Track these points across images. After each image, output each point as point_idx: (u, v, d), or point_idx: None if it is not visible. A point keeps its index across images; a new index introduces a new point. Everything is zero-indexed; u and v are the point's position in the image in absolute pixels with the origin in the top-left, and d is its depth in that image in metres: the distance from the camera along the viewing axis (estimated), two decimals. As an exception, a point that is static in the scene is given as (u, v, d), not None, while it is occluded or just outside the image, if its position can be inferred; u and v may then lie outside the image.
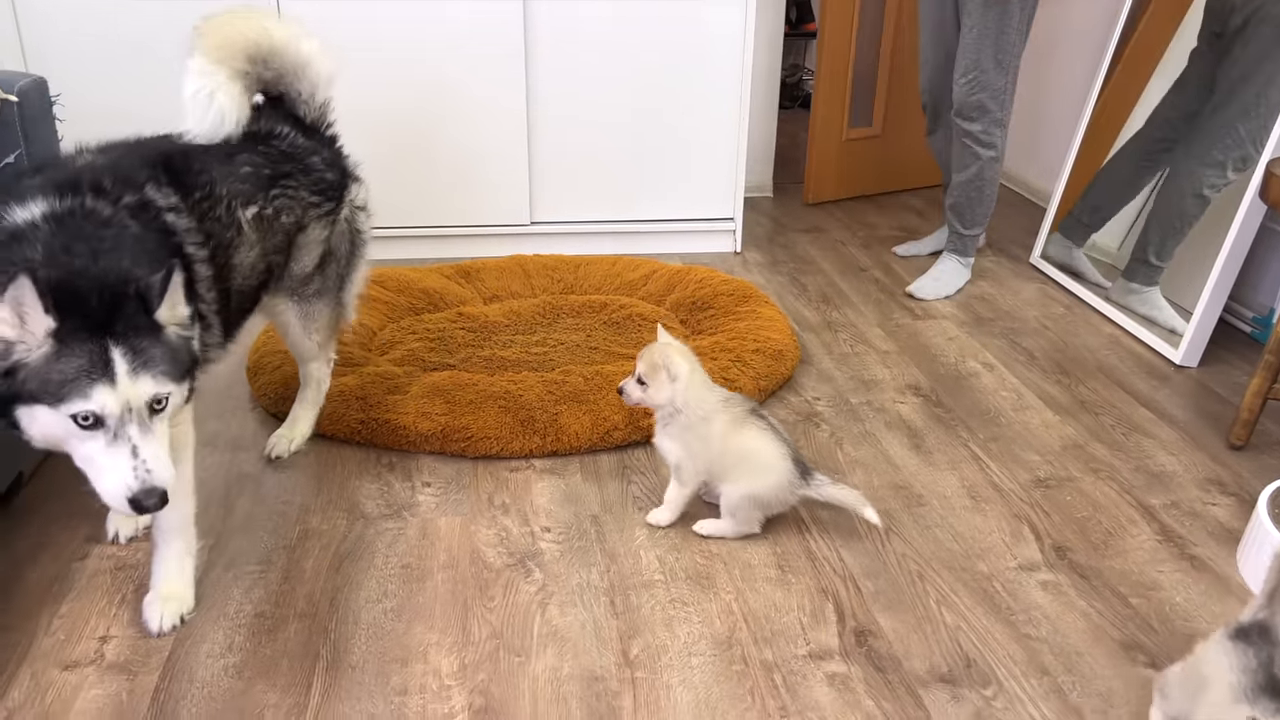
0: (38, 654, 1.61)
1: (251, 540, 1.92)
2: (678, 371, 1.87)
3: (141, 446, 1.38)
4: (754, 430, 1.89)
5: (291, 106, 2.04)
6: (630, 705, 1.54)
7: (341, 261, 2.14)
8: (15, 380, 1.33)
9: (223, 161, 1.82)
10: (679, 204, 3.53)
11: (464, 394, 2.29)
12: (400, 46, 3.19)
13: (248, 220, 1.83)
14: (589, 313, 2.84)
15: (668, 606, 1.76)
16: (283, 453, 2.19)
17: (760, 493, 1.89)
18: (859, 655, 1.65)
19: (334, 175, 2.07)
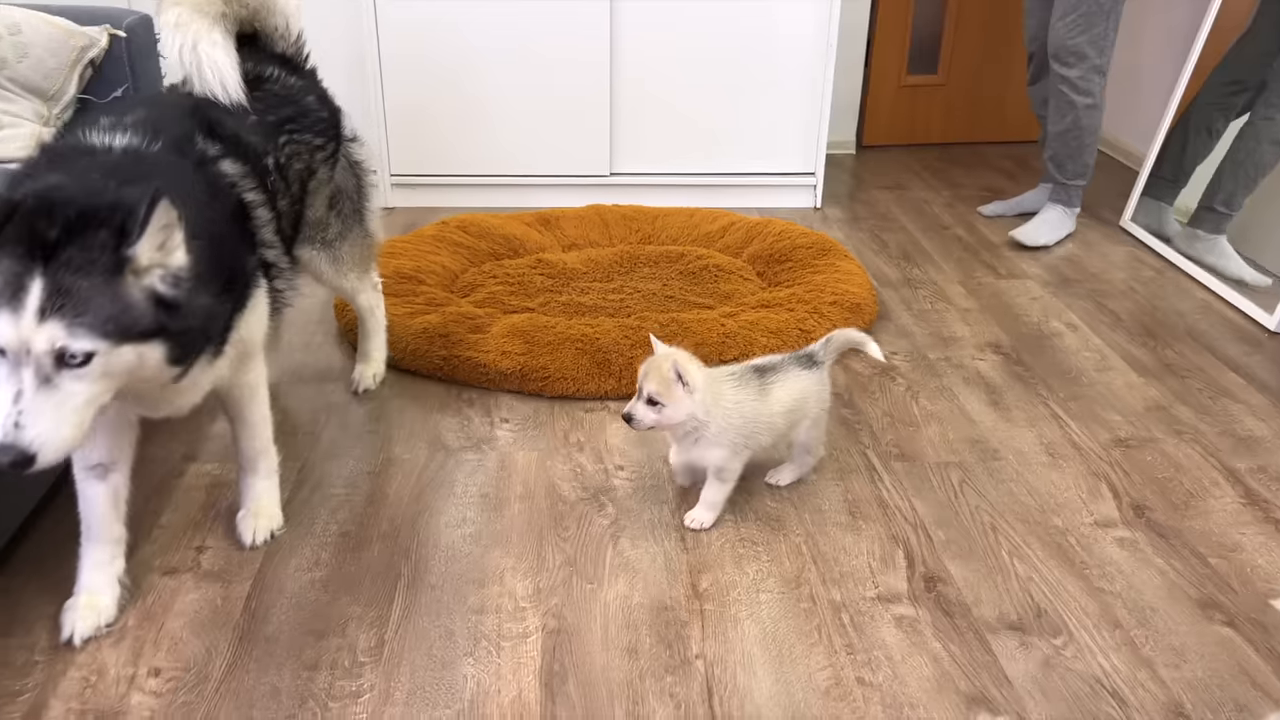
0: (140, 559, 1.71)
1: (338, 465, 1.99)
2: (694, 381, 1.69)
3: (27, 397, 1.16)
4: (777, 386, 1.81)
5: (269, 43, 1.91)
6: (699, 634, 1.57)
7: (353, 197, 2.06)
8: None
9: (232, 114, 1.68)
10: (759, 158, 3.51)
11: (542, 335, 2.33)
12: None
13: (273, 170, 1.73)
14: (666, 263, 2.86)
15: (737, 545, 1.79)
16: (369, 386, 2.25)
17: (819, 417, 1.89)
18: (927, 600, 1.66)
19: (327, 113, 1.96)
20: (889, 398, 2.29)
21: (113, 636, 1.54)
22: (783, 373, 1.82)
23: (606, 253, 2.93)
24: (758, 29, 3.32)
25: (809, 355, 1.88)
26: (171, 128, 1.47)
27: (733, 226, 3.09)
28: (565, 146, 3.45)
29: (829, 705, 1.44)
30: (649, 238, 3.10)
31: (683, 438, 1.77)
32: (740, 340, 2.34)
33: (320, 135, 1.91)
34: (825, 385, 1.89)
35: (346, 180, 2.04)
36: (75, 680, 1.46)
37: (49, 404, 1.16)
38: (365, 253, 2.15)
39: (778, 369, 1.83)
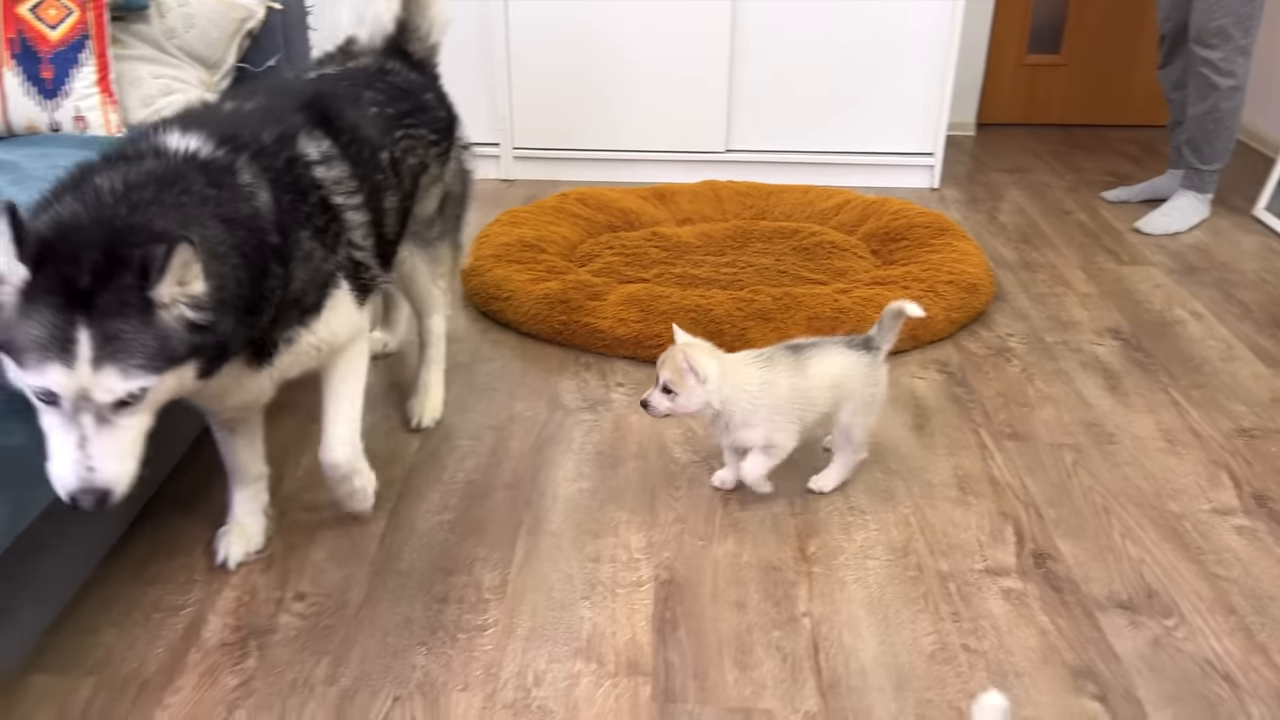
0: (284, 495, 1.84)
1: (464, 419, 2.10)
2: (706, 372, 1.70)
3: (92, 440, 1.17)
4: (815, 361, 1.77)
5: (404, 40, 1.92)
6: (806, 594, 1.62)
7: (457, 202, 2.06)
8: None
9: (354, 104, 1.68)
10: (877, 137, 3.50)
11: (658, 304, 2.40)
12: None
13: (386, 164, 1.71)
14: (779, 238, 2.89)
15: (845, 513, 1.82)
16: (428, 424, 2.07)
17: (869, 400, 1.82)
18: (1036, 575, 1.67)
19: (444, 113, 1.96)
20: (1003, 378, 2.29)
21: (261, 563, 1.67)
22: (822, 349, 1.79)
23: (720, 227, 2.97)
24: (881, 6, 3.31)
25: (865, 339, 1.82)
26: (267, 127, 1.45)
27: (848, 204, 3.10)
28: (682, 123, 3.50)
29: (934, 668, 1.48)
30: (763, 213, 3.13)
31: (712, 424, 1.79)
32: (853, 316, 2.36)
33: (435, 132, 1.90)
34: (877, 370, 1.82)
35: (455, 185, 2.03)
36: (230, 599, 1.59)
37: (113, 443, 1.18)
38: (455, 263, 2.13)
39: (816, 346, 1.80)
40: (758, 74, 3.43)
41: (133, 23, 2.13)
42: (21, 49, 1.92)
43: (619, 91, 3.46)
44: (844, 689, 1.44)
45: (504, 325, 2.51)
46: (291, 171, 1.43)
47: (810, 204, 3.15)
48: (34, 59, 1.92)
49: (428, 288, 2.07)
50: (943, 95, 3.40)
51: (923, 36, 3.33)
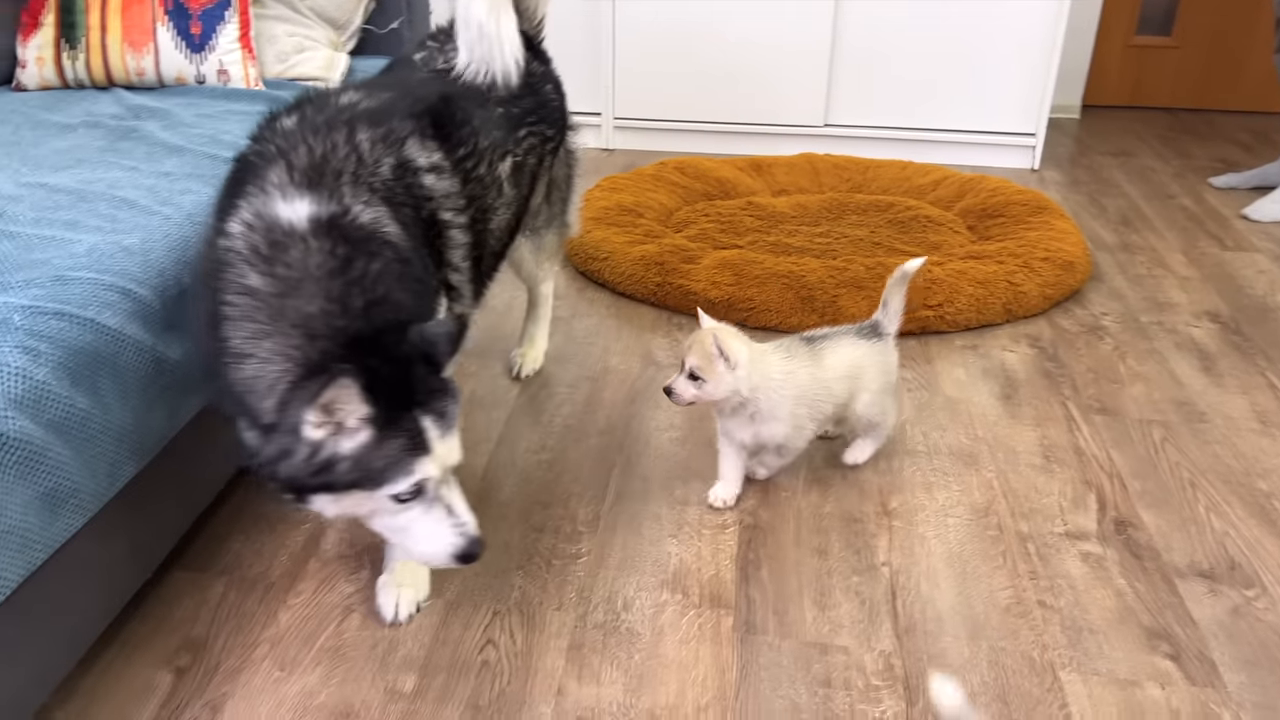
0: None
1: (563, 368, 2.21)
2: (736, 357, 1.60)
3: (454, 504, 1.27)
4: (829, 351, 1.72)
5: (519, 19, 1.75)
6: (885, 545, 1.68)
7: (562, 187, 2.03)
8: (331, 473, 1.17)
9: (481, 105, 1.60)
10: (978, 116, 3.48)
11: (751, 269, 2.46)
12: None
13: (506, 174, 1.63)
14: (875, 211, 2.92)
15: (929, 474, 1.87)
16: (530, 371, 2.16)
17: (883, 388, 1.78)
18: (1116, 541, 1.70)
19: (560, 103, 1.89)
20: (1095, 355, 2.29)
21: (374, 487, 1.80)
22: (834, 340, 1.74)
23: (815, 199, 3.01)
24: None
25: (872, 325, 1.79)
26: (375, 133, 1.36)
27: (945, 180, 3.11)
28: (782, 96, 3.54)
29: (1008, 620, 1.53)
30: (859, 187, 3.16)
31: (732, 415, 1.68)
32: (945, 288, 2.39)
33: (553, 126, 1.83)
34: (889, 356, 1.79)
35: (560, 170, 2.00)
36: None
37: (460, 496, 1.29)
38: (561, 242, 2.12)
39: (828, 337, 1.75)
40: (859, 49, 3.44)
41: (270, -15, 2.27)
42: (174, 7, 2.07)
43: (720, 64, 3.52)
44: (919, 633, 1.50)
45: (601, 284, 2.60)
46: (402, 182, 1.36)
47: (907, 179, 3.16)
48: (185, 16, 2.07)
49: (534, 271, 2.10)
50: (1047, 75, 3.36)
51: (1029, 15, 3.30)
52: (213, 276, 1.21)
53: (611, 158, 3.60)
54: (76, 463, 1.21)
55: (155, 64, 2.08)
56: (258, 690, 1.39)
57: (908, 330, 2.35)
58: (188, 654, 1.45)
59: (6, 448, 1.11)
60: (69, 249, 1.37)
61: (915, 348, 2.32)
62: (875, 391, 1.77)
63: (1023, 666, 1.45)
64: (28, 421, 1.14)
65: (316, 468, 1.16)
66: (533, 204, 1.90)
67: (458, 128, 1.50)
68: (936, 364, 2.25)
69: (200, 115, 1.93)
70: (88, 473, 1.24)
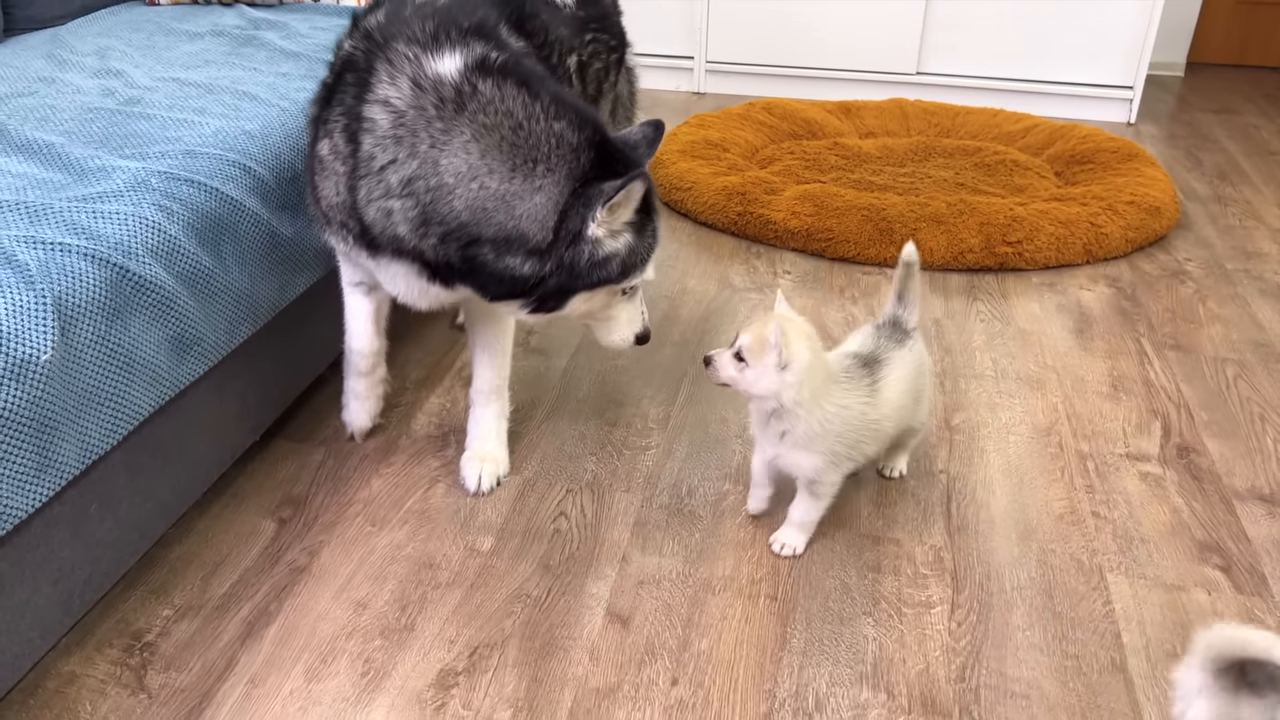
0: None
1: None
2: (794, 359, 1.37)
3: (641, 304, 1.49)
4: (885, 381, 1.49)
5: None
6: (945, 455, 1.74)
7: (627, 105, 2.07)
8: (604, 269, 1.32)
9: (548, 4, 1.69)
10: (1075, 68, 3.44)
11: (831, 202, 2.51)
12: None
13: (573, 69, 1.72)
14: (961, 155, 2.93)
15: (994, 395, 1.91)
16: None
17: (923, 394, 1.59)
18: (1178, 464, 1.72)
19: (619, 17, 1.96)
20: (1174, 297, 2.28)
21: (465, 380, 1.92)
22: (887, 364, 1.50)
23: (903, 142, 3.03)
24: (1092, -70, 3.24)
25: (897, 324, 1.57)
26: (474, 17, 1.42)
27: (1035, 128, 3.09)
28: (875, 43, 3.54)
29: (1060, 527, 1.57)
30: (947, 132, 3.16)
31: (766, 426, 1.46)
32: (1026, 226, 2.40)
33: (615, 37, 1.90)
34: (923, 356, 1.58)
35: (624, 88, 2.05)
36: (435, 404, 1.85)
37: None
38: None
39: (881, 360, 1.50)
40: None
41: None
42: (293, -72, 2.21)
43: (814, 8, 3.53)
44: (971, 532, 1.56)
45: (684, 214, 2.68)
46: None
47: (997, 126, 3.15)
48: (302, -64, 2.21)
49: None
50: (1149, 27, 3.30)
51: (1135, -38, 3.24)
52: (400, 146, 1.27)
53: (702, 101, 3.65)
54: (200, 314, 1.35)
55: (275, -18, 2.22)
56: (351, 541, 1.53)
57: (985, 265, 2.38)
58: (289, 508, 1.59)
59: (143, 290, 1.25)
60: (198, 130, 1.51)
61: (992, 282, 2.34)
62: (922, 409, 1.59)
63: (1070, 567, 1.49)
64: (161, 270, 1.28)
65: (593, 264, 1.31)
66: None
67: (531, 19, 1.58)
68: (1012, 298, 2.27)
69: (314, 28, 2.07)
70: (209, 325, 1.37)
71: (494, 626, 1.38)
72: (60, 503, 1.20)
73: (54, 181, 1.34)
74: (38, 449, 1.11)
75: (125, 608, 1.40)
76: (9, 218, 1.23)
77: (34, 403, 1.10)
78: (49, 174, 1.36)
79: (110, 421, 1.22)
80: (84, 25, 2.06)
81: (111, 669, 1.31)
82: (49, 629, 1.23)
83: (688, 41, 3.69)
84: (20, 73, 1.74)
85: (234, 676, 1.30)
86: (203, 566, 1.47)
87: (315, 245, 1.61)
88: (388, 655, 1.33)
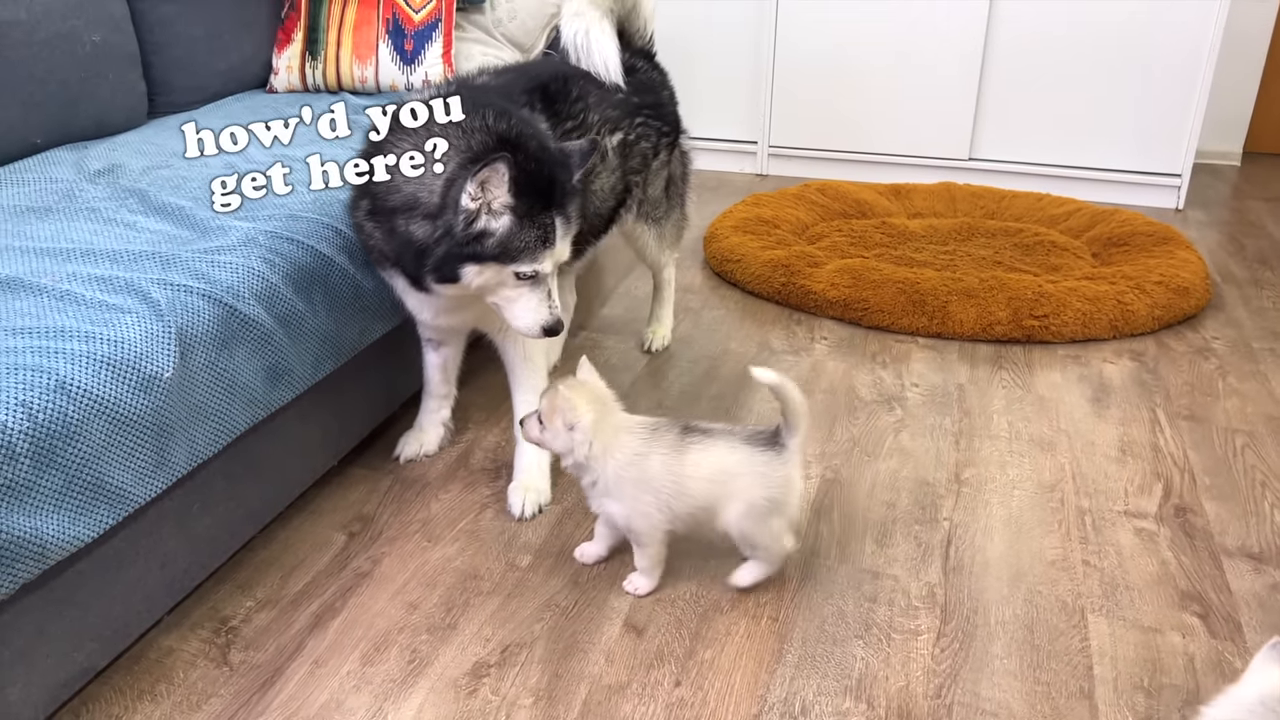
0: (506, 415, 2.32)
1: (687, 348, 2.51)
2: (575, 419, 1.53)
3: (553, 290, 1.61)
4: (698, 448, 1.56)
5: (630, 41, 2.17)
6: (950, 506, 1.89)
7: (679, 183, 2.34)
8: (481, 245, 1.52)
9: (600, 87, 1.96)
10: (1122, 154, 3.58)
11: (870, 275, 2.69)
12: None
13: (614, 147, 1.97)
14: (1003, 235, 3.09)
15: (1005, 455, 2.05)
16: (659, 346, 2.48)
17: (765, 505, 1.55)
18: (1173, 523, 1.83)
19: (674, 109, 2.23)
20: (1195, 371, 2.39)
21: (508, 415, 2.15)
22: (712, 439, 1.57)
23: (948, 222, 3.21)
24: (1137, 26, 3.40)
25: (773, 432, 1.58)
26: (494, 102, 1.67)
27: (1078, 212, 3.23)
28: (929, 130, 3.74)
29: (1050, 571, 1.70)
30: (993, 214, 3.32)
31: (579, 475, 1.61)
32: (1054, 301, 2.55)
33: (667, 124, 2.19)
34: (781, 469, 1.55)
35: (677, 168, 2.32)
36: (491, 442, 2.08)
37: (559, 291, 1.66)
38: (679, 231, 2.42)
39: (709, 434, 1.58)
40: (1007, 83, 3.61)
41: (471, 13, 2.72)
42: (393, 28, 2.54)
43: (872, 98, 3.76)
44: (965, 572, 1.70)
45: (733, 284, 2.90)
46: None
47: (1042, 209, 3.30)
48: (401, 35, 2.53)
49: (658, 257, 2.40)
50: (1195, 117, 3.43)
51: (1177, 56, 3.39)
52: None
53: (764, 182, 3.89)
54: (292, 350, 1.61)
55: (375, 73, 2.55)
56: (409, 553, 1.75)
57: (1013, 337, 2.53)
58: (359, 523, 1.83)
59: (248, 326, 1.52)
60: (299, 197, 1.79)
61: (1019, 353, 2.49)
62: (750, 506, 1.55)
63: (1054, 606, 1.62)
64: (263, 310, 1.55)
65: (470, 237, 1.51)
66: (651, 192, 2.24)
67: (568, 102, 1.87)
68: (1036, 368, 2.41)
69: (406, 113, 2.37)
70: (298, 359, 1.63)
71: (525, 629, 1.57)
72: (169, 499, 1.46)
73: (182, 237, 1.63)
74: (156, 449, 1.36)
75: (216, 597, 1.64)
76: (146, 264, 1.51)
77: (156, 411, 1.35)
78: (179, 231, 1.65)
79: (214, 433, 1.48)
80: (214, 109, 2.40)
81: (202, 646, 1.54)
82: (153, 606, 1.48)
83: (752, 128, 3.95)
84: (160, 149, 2.07)
85: (301, 657, 1.52)
86: (281, 568, 1.71)
87: (392, 298, 1.87)
88: (431, 648, 1.53)
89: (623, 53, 2.06)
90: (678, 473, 1.55)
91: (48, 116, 2.04)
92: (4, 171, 1.89)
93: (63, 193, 1.79)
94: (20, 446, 1.18)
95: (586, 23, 1.99)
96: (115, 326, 1.34)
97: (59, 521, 1.23)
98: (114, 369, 1.30)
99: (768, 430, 1.59)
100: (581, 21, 1.99)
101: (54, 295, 1.39)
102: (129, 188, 1.81)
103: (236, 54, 2.55)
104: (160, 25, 2.37)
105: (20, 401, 1.19)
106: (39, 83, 2.01)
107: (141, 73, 2.30)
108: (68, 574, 1.30)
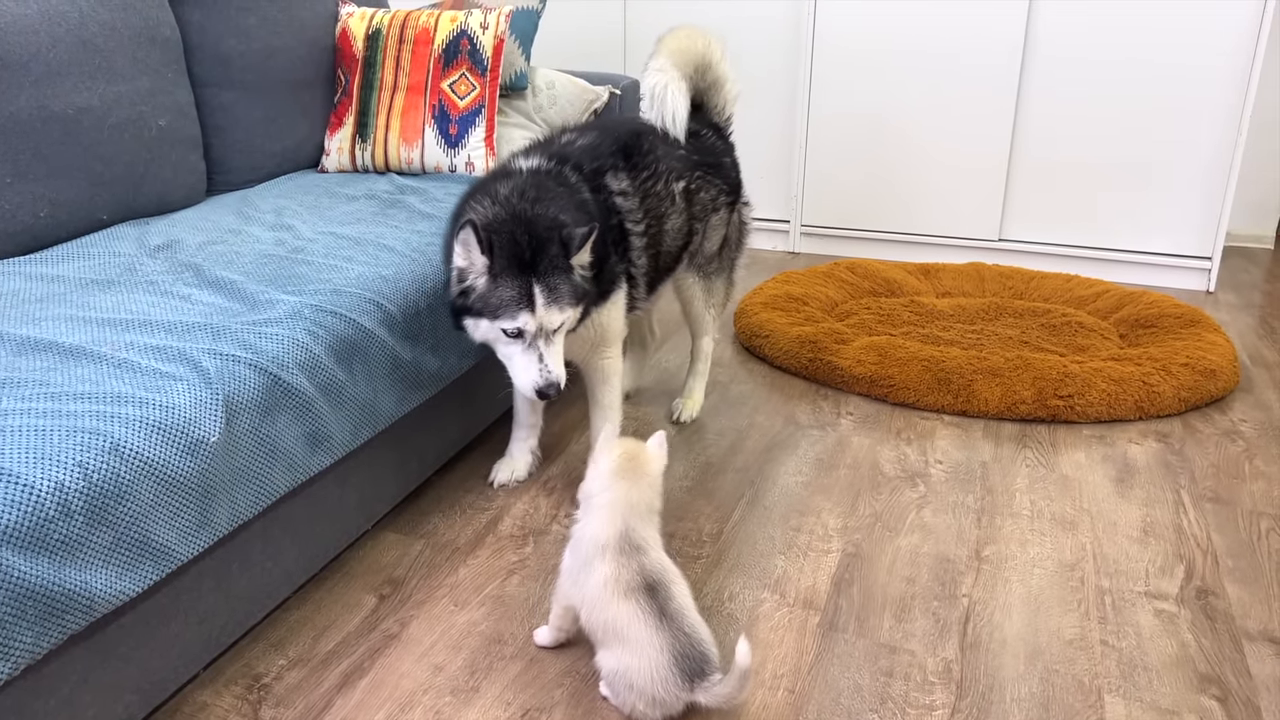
0: (535, 483, 2.39)
1: (714, 421, 2.56)
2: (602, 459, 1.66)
3: (545, 355, 1.76)
4: (629, 610, 1.49)
5: (707, 114, 2.44)
6: (970, 583, 1.90)
7: (733, 247, 2.51)
8: (468, 299, 1.76)
9: (665, 142, 2.21)
10: (1152, 237, 3.62)
11: (896, 353, 2.74)
12: (899, 55, 3.72)
13: (679, 192, 2.20)
14: (1030, 316, 3.12)
15: (1027, 533, 2.07)
16: (688, 419, 2.56)
17: (627, 671, 1.49)
18: (1194, 605, 1.83)
19: (735, 175, 2.45)
20: (1222, 454, 2.40)
21: (545, 489, 2.21)
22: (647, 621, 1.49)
23: (976, 302, 3.25)
24: (1167, 110, 3.47)
25: (700, 662, 1.49)
26: (595, 160, 2.02)
27: (1106, 293, 3.27)
28: (959, 210, 3.82)
29: (1067, 651, 1.71)
30: (1021, 295, 3.37)
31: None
32: (1079, 381, 2.57)
33: (726, 184, 2.40)
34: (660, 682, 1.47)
35: (734, 232, 2.50)
36: (520, 509, 2.14)
37: (555, 353, 1.78)
38: (726, 294, 2.55)
39: (652, 613, 1.50)
40: (1036, 167, 3.69)
41: (513, 99, 2.86)
42: (439, 113, 2.68)
43: (902, 179, 3.85)
44: (982, 650, 1.72)
45: (761, 359, 2.96)
46: (601, 194, 1.99)
47: (1070, 290, 3.34)
48: (446, 120, 2.67)
49: (702, 313, 2.53)
50: (1225, 200, 3.47)
51: (1208, 139, 3.45)
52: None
53: (795, 260, 3.98)
54: (332, 417, 1.69)
55: (421, 155, 2.69)
56: (436, 617, 1.80)
57: (1038, 417, 2.55)
58: (389, 586, 1.89)
59: (290, 394, 1.60)
60: (344, 274, 1.90)
61: (1044, 432, 2.51)
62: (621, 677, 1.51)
63: (1071, 685, 1.63)
64: (305, 379, 1.64)
65: (460, 291, 1.77)
66: (707, 247, 2.42)
67: (642, 155, 2.13)
68: (1060, 448, 2.43)
69: (448, 194, 2.49)
70: (337, 426, 1.71)
71: (545, 694, 1.61)
72: (210, 557, 1.53)
73: (233, 309, 1.73)
74: (199, 510, 1.44)
75: (250, 655, 1.70)
76: (198, 335, 1.61)
77: (201, 474, 1.44)
78: (230, 304, 1.76)
79: (255, 495, 1.55)
80: (267, 188, 2.54)
81: (235, 702, 1.60)
82: (190, 661, 1.54)
83: (785, 207, 4.05)
84: (215, 225, 2.20)
85: (329, 716, 1.57)
86: (314, 628, 1.77)
87: (429, 369, 1.95)
88: (454, 709, 1.58)
89: (696, 121, 2.32)
90: (600, 599, 1.52)
91: (114, 195, 2.19)
92: (73, 246, 2.02)
93: (125, 266, 1.91)
94: (75, 504, 1.26)
95: (666, 79, 2.22)
96: (167, 393, 1.43)
97: (107, 576, 1.30)
98: (164, 433, 1.39)
99: (702, 658, 1.48)
100: (661, 77, 2.23)
101: (112, 363, 1.49)
102: (185, 262, 1.93)
103: (291, 137, 2.70)
104: (222, 110, 2.52)
105: (77, 462, 1.28)
106: (107, 163, 2.15)
107: (202, 154, 2.45)
108: (112, 628, 1.37)
